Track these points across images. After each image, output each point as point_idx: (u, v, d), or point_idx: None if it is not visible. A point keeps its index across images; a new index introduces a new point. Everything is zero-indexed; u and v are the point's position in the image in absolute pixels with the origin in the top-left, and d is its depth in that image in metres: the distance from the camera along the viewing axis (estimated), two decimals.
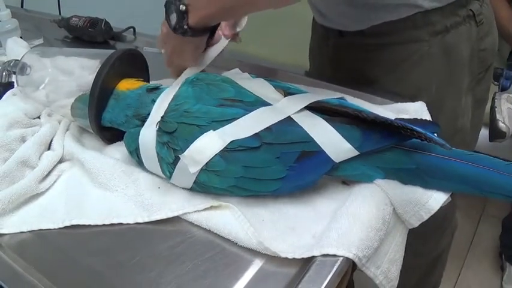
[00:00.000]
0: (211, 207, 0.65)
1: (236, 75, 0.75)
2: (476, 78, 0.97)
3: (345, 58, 1.00)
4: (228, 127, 0.64)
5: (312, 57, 1.19)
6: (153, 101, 0.71)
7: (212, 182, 0.65)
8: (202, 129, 0.64)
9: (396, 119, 0.65)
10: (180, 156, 0.64)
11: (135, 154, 0.71)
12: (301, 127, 0.63)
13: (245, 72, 0.77)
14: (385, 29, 0.89)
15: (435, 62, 0.91)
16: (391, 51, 0.92)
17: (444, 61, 0.91)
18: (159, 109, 0.69)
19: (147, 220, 0.66)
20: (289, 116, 0.64)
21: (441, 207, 0.65)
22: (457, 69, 0.93)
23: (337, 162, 0.63)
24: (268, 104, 0.66)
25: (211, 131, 0.64)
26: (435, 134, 0.65)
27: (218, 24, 0.80)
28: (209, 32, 0.78)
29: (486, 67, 0.98)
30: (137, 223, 0.66)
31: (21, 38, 1.17)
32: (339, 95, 0.71)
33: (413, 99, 0.86)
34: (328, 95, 0.68)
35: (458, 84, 0.95)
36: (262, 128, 0.63)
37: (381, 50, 0.92)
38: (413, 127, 0.60)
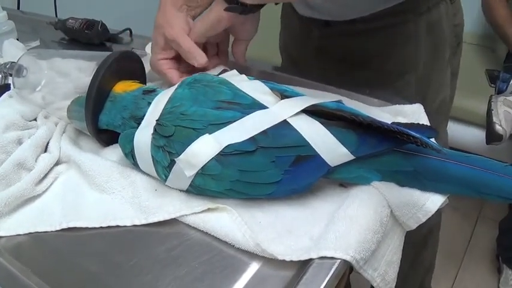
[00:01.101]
0: (208, 210, 0.65)
1: (233, 77, 0.74)
2: (453, 51, 1.09)
3: (332, 46, 1.03)
4: (224, 130, 0.63)
5: (285, 52, 1.21)
6: (149, 104, 0.71)
7: (208, 185, 0.65)
8: (198, 133, 0.64)
9: (393, 123, 0.65)
10: (175, 159, 0.64)
11: (130, 156, 0.70)
12: (297, 131, 0.63)
13: (242, 74, 0.77)
14: (375, 14, 0.94)
15: (421, 40, 0.99)
16: (380, 34, 0.98)
17: (429, 38, 1.00)
18: (154, 111, 0.69)
19: (144, 222, 0.66)
20: (285, 120, 0.63)
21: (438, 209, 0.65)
22: (440, 44, 1.03)
23: (333, 166, 0.63)
24: (265, 107, 0.66)
25: (207, 134, 0.63)
26: (432, 139, 0.65)
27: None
28: (245, 14, 0.79)
29: (459, 41, 1.10)
30: (134, 225, 0.66)
31: (17, 39, 1.17)
32: (336, 97, 0.70)
33: (402, 75, 0.98)
34: (325, 98, 0.68)
35: (441, 58, 1.05)
36: (258, 132, 0.62)
37: (370, 34, 0.98)
38: (410, 132, 0.60)
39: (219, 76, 0.74)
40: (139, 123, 0.70)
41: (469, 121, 2.01)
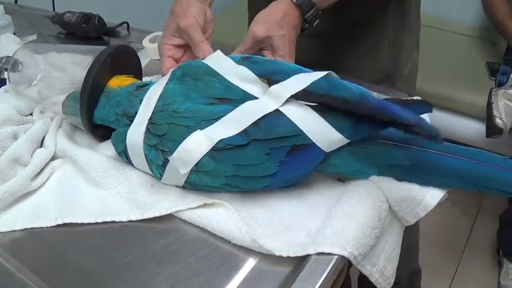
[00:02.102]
0: (204, 205, 0.64)
1: (218, 59, 0.72)
2: (416, 18, 1.15)
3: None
4: (214, 126, 0.62)
5: None
6: (141, 101, 0.70)
7: (203, 181, 0.64)
8: (190, 130, 0.63)
9: (385, 99, 0.65)
10: (169, 158, 0.64)
11: (123, 155, 0.70)
12: (290, 120, 0.61)
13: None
14: None
15: (391, 11, 1.04)
16: (361, 4, 1.02)
17: (398, 6, 1.05)
18: (146, 109, 0.68)
19: (140, 218, 0.65)
20: (277, 109, 0.62)
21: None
22: (406, 11, 1.08)
23: (328, 151, 0.62)
24: (255, 98, 0.64)
25: (198, 130, 0.62)
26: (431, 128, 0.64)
27: None
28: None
29: (418, 10, 1.15)
30: (130, 221, 0.65)
31: (14, 34, 1.16)
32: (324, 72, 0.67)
33: (378, 44, 1.05)
34: (313, 75, 0.65)
35: (408, 25, 1.10)
36: (250, 124, 0.61)
37: (353, 5, 1.01)
38: (402, 116, 0.58)
39: (203, 60, 0.72)
40: (131, 121, 0.69)
41: (468, 114, 2.01)
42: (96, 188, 0.70)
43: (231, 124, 0.62)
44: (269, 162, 0.62)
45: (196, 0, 0.84)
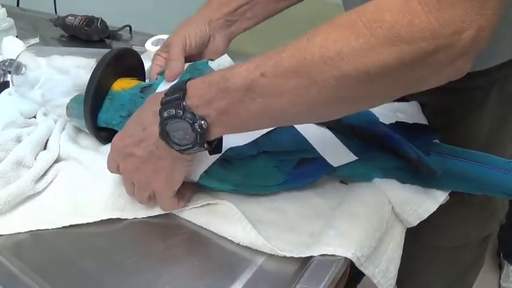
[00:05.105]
0: (208, 205, 0.65)
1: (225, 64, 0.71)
2: None
3: None
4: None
5: None
6: None
7: (211, 185, 0.65)
8: None
9: (397, 122, 0.66)
10: None
11: None
12: (301, 134, 0.62)
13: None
14: None
15: (489, 111, 0.79)
16: (442, 97, 0.76)
17: (501, 110, 0.80)
18: None
19: (145, 216, 0.66)
20: None
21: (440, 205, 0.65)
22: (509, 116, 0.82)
23: (336, 166, 0.63)
24: None
25: None
26: (436, 140, 0.65)
27: None
28: None
29: None
30: (133, 223, 0.66)
31: (16, 37, 1.16)
32: None
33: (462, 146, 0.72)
34: None
35: (507, 132, 0.83)
36: (261, 135, 0.61)
37: (428, 99, 0.79)
38: (408, 152, 0.60)
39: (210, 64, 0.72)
40: None
41: None
42: (100, 189, 0.70)
43: (243, 133, 0.61)
44: (277, 174, 0.63)
45: (200, 24, 0.80)
